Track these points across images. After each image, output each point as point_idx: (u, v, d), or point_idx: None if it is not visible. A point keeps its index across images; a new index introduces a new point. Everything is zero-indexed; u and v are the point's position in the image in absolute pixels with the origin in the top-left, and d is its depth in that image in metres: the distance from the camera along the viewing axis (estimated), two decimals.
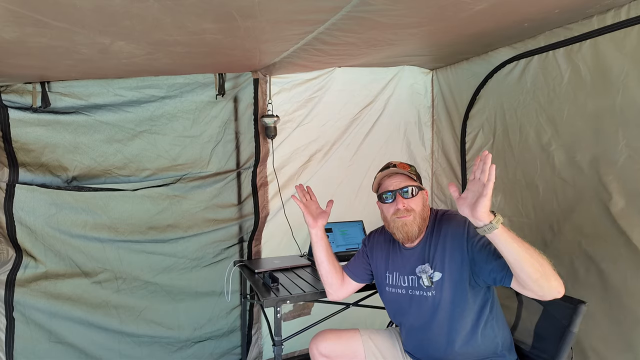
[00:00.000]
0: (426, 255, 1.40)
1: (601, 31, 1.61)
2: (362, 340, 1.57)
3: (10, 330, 1.88)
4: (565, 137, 1.82)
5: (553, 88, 1.85)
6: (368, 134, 2.60)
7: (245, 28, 1.32)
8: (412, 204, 1.38)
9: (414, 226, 1.37)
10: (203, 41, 1.44)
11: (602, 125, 1.66)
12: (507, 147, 2.14)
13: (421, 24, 1.54)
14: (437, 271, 1.35)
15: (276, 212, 2.39)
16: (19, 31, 1.18)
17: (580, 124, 1.74)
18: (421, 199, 1.41)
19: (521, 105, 2.03)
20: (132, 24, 1.20)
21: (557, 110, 1.85)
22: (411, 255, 1.44)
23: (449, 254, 1.34)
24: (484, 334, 1.33)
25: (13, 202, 1.85)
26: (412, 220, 1.37)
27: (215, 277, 2.28)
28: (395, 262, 1.50)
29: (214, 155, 2.20)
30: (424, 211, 1.41)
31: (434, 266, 1.36)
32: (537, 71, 1.92)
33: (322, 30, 1.45)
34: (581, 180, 1.76)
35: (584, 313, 1.26)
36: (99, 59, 1.55)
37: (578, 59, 1.73)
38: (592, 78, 1.68)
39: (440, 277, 1.34)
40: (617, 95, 1.59)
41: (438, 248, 1.37)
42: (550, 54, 1.85)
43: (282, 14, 1.24)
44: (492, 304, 1.35)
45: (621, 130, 1.58)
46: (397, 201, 1.38)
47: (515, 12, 1.55)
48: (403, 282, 1.45)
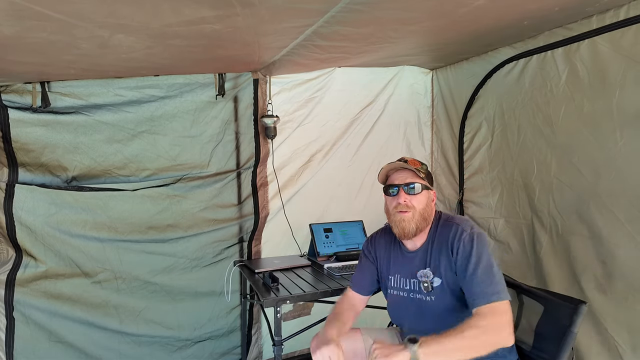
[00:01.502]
0: (428, 259, 1.39)
1: (599, 31, 1.61)
2: (362, 339, 1.57)
3: (10, 330, 1.88)
4: (562, 137, 1.82)
5: (550, 88, 1.85)
6: (368, 134, 2.60)
7: (244, 16, 1.31)
8: (414, 201, 1.37)
9: (412, 223, 1.36)
10: (202, 33, 1.43)
11: (599, 126, 1.65)
12: (505, 147, 2.14)
13: (420, 19, 1.54)
14: (437, 277, 1.35)
15: (276, 212, 2.39)
16: (18, 25, 1.18)
17: (577, 124, 1.74)
18: (425, 198, 1.40)
19: (519, 105, 2.03)
20: (131, 12, 1.19)
21: (553, 111, 1.84)
22: (413, 258, 1.43)
23: (446, 263, 1.34)
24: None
25: (13, 202, 1.85)
26: (411, 217, 1.36)
27: (215, 277, 2.28)
28: (397, 265, 1.49)
29: (214, 156, 2.21)
30: (425, 211, 1.39)
31: (434, 271, 1.36)
32: (536, 71, 1.92)
33: (321, 23, 1.44)
34: (578, 181, 1.75)
35: (584, 313, 1.26)
36: (98, 54, 1.55)
37: (576, 59, 1.73)
38: (589, 78, 1.68)
39: (440, 283, 1.34)
40: (614, 96, 1.58)
41: (437, 254, 1.37)
42: (549, 53, 1.85)
43: (281, 1, 1.24)
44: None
45: (619, 131, 1.58)
46: (400, 195, 1.38)
47: (515, 9, 1.55)
48: (405, 285, 1.44)
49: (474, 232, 1.30)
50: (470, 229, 1.31)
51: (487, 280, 1.22)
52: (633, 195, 1.55)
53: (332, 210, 2.56)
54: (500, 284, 1.22)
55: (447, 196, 2.63)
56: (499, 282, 1.22)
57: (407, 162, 1.43)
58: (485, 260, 1.24)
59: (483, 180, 2.31)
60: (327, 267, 2.15)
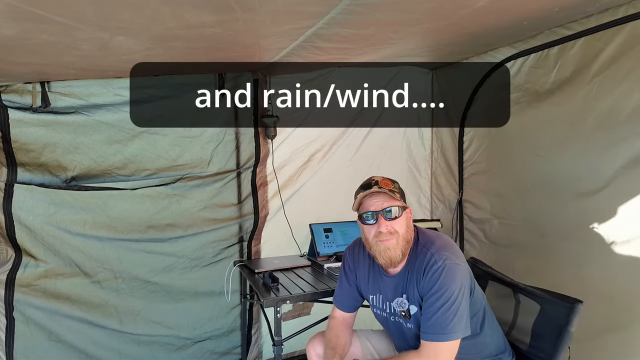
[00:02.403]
0: (404, 286, 1.32)
1: (595, 29, 1.61)
2: (359, 341, 1.57)
3: (10, 329, 1.88)
4: (550, 138, 1.82)
5: (541, 86, 1.85)
6: (368, 134, 2.60)
7: (245, 20, 1.31)
8: (396, 225, 1.27)
9: (397, 250, 1.27)
10: (202, 35, 1.43)
11: (584, 126, 1.66)
12: (499, 149, 2.14)
13: (421, 21, 1.54)
14: (413, 304, 1.30)
15: (276, 212, 2.39)
16: (18, 27, 1.18)
17: (565, 124, 1.75)
18: (405, 220, 1.30)
19: (514, 104, 2.02)
20: (131, 17, 1.19)
21: (541, 110, 1.85)
22: (390, 283, 1.36)
23: (418, 291, 1.29)
24: (475, 349, 1.32)
25: (12, 202, 1.85)
26: (395, 243, 1.27)
27: (215, 277, 2.28)
28: (376, 286, 1.43)
29: (214, 156, 2.20)
30: (407, 233, 1.30)
31: (410, 299, 1.31)
32: (531, 70, 1.92)
33: (321, 25, 1.44)
34: (562, 182, 1.76)
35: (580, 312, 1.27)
36: (99, 56, 1.55)
37: (568, 57, 1.73)
38: (577, 76, 1.68)
39: (416, 310, 1.29)
40: (602, 94, 1.59)
41: (412, 282, 1.29)
42: (545, 52, 1.85)
43: (281, 4, 1.23)
44: (482, 324, 1.33)
45: (604, 130, 1.59)
46: (380, 223, 1.27)
47: (514, 10, 1.55)
48: (385, 307, 1.40)
49: (445, 264, 1.22)
50: (442, 260, 1.22)
51: (441, 317, 1.18)
52: (620, 194, 1.54)
53: (332, 210, 2.55)
54: (456, 323, 1.18)
55: (446, 196, 2.63)
56: (453, 321, 1.18)
57: (378, 183, 1.31)
58: (447, 297, 1.19)
59: (481, 180, 2.31)
60: (327, 267, 2.15)
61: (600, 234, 1.63)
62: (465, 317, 1.21)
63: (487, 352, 1.35)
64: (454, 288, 1.20)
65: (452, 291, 1.19)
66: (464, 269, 1.26)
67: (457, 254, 1.28)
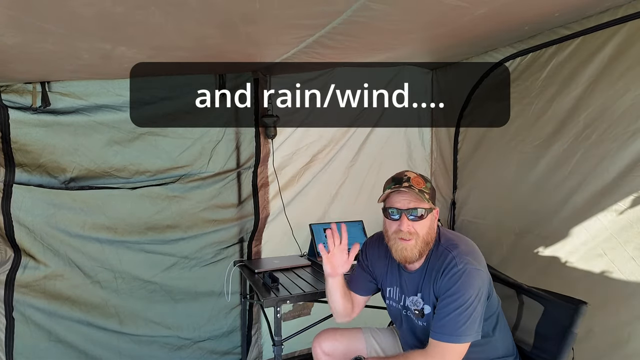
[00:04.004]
0: (420, 285, 1.33)
1: (594, 29, 1.61)
2: (364, 338, 1.57)
3: (10, 329, 1.88)
4: (536, 138, 1.82)
5: (531, 84, 1.86)
6: (369, 135, 2.60)
7: (247, 34, 1.33)
8: (417, 227, 1.27)
9: (414, 251, 1.27)
10: (205, 45, 1.45)
11: (570, 126, 1.67)
12: (489, 149, 2.14)
13: (422, 29, 1.55)
14: (427, 304, 1.31)
15: (277, 213, 2.39)
16: (20, 37, 1.18)
17: (552, 123, 1.75)
18: (429, 221, 1.29)
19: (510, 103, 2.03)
20: (134, 31, 1.20)
21: (530, 110, 1.85)
22: (407, 280, 1.38)
23: (434, 294, 1.30)
24: (485, 352, 1.32)
25: (11, 202, 1.84)
26: (414, 245, 1.27)
27: (215, 277, 2.28)
28: (393, 279, 1.45)
29: (214, 155, 2.20)
30: (428, 234, 1.29)
31: (425, 299, 1.32)
32: (525, 69, 1.92)
33: (322, 33, 1.45)
34: (547, 183, 1.77)
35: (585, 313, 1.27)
36: (101, 64, 1.56)
37: (562, 56, 1.73)
38: (570, 75, 1.68)
39: (430, 311, 1.31)
40: (594, 94, 1.59)
41: (429, 282, 1.30)
42: (542, 51, 1.85)
43: (283, 19, 1.24)
44: (494, 328, 1.33)
45: (593, 129, 1.59)
46: (402, 221, 1.27)
47: (515, 16, 1.56)
48: (400, 300, 1.41)
49: (466, 268, 1.22)
50: (464, 264, 1.22)
51: (454, 319, 1.19)
52: (605, 194, 1.55)
53: (332, 210, 2.56)
54: (468, 327, 1.18)
55: (445, 196, 2.63)
56: (465, 325, 1.18)
57: (410, 180, 1.28)
58: (463, 300, 1.19)
59: (472, 180, 2.32)
60: None
61: (600, 233, 1.63)
62: (478, 322, 1.21)
63: (496, 356, 1.35)
64: (471, 292, 1.20)
65: (469, 295, 1.19)
66: (484, 275, 1.25)
67: (479, 259, 1.28)
